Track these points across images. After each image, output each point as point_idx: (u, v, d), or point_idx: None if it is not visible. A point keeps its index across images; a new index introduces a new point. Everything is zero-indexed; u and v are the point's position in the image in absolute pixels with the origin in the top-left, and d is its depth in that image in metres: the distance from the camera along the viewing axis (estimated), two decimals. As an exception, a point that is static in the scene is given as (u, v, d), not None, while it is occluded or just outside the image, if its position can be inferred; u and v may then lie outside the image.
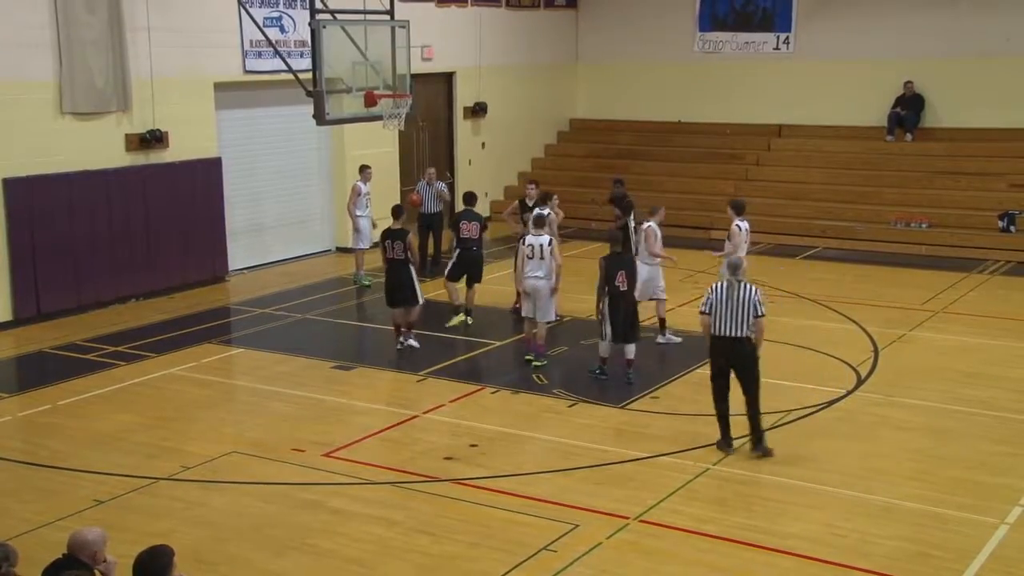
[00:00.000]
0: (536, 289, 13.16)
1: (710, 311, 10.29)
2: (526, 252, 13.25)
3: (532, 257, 13.17)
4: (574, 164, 24.83)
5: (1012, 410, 11.70)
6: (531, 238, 13.28)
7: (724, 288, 10.24)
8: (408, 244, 13.87)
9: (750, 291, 10.19)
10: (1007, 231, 19.83)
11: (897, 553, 8.51)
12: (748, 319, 10.13)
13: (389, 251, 13.88)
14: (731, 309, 10.16)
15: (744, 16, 24.17)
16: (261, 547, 8.72)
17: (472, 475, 10.11)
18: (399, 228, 14.00)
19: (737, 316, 10.16)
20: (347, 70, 14.69)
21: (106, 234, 16.22)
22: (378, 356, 14.18)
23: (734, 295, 10.17)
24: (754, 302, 10.14)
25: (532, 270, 13.17)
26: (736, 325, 10.17)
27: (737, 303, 10.15)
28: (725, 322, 10.20)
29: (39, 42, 15.28)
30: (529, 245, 13.23)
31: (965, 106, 21.95)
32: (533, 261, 13.16)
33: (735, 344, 10.23)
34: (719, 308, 10.22)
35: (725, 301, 10.20)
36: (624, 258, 12.94)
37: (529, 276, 13.19)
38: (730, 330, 10.19)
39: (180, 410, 12.04)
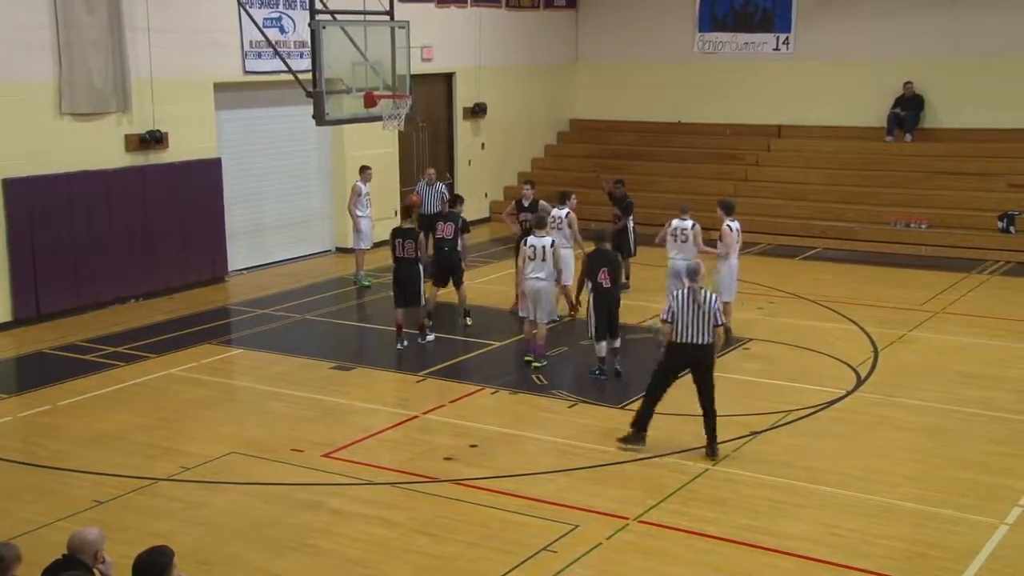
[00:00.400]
0: (536, 290, 13.17)
1: (672, 319, 10.34)
2: (527, 253, 13.26)
3: (533, 258, 13.17)
4: (574, 164, 24.82)
5: (1011, 410, 11.71)
6: (533, 239, 13.28)
7: (686, 295, 10.33)
8: (419, 243, 13.95)
9: (710, 299, 10.32)
10: (1007, 231, 19.83)
11: (897, 553, 8.51)
12: (710, 326, 10.23)
13: (399, 250, 13.94)
14: (694, 316, 10.23)
15: (744, 17, 24.17)
16: (261, 547, 8.72)
17: (472, 475, 10.11)
18: (410, 227, 14.07)
19: (700, 323, 10.23)
20: (347, 71, 14.69)
21: (106, 234, 16.21)
22: (378, 356, 14.19)
23: (696, 302, 10.26)
24: (714, 311, 10.26)
25: (533, 271, 13.19)
26: (699, 332, 10.24)
27: (699, 310, 10.23)
28: (689, 329, 10.25)
29: (39, 43, 15.28)
30: (531, 246, 13.22)
31: (965, 107, 21.95)
32: (535, 262, 13.16)
33: (699, 351, 10.29)
34: (682, 315, 10.27)
35: (688, 308, 10.27)
36: (607, 255, 12.99)
37: (530, 277, 13.21)
38: (694, 337, 10.26)
39: (180, 410, 12.04)
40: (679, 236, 14.27)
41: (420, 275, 14.03)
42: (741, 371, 13.18)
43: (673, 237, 14.30)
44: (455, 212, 15.17)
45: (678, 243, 14.27)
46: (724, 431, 11.05)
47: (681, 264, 13.61)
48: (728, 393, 12.55)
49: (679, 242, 14.25)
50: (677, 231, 14.29)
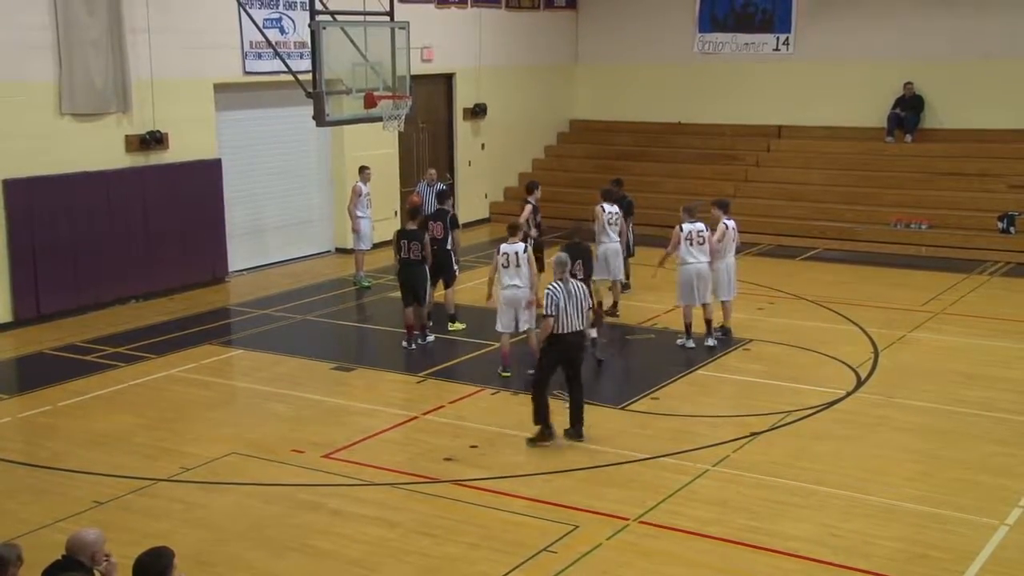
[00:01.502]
0: (516, 299, 12.74)
1: (555, 313, 10.55)
2: (500, 261, 12.69)
3: (507, 266, 12.67)
4: (574, 165, 24.84)
5: (1012, 411, 11.70)
6: (506, 247, 12.72)
7: (562, 287, 10.64)
8: (424, 245, 13.98)
9: (579, 285, 10.85)
10: (1007, 232, 19.83)
11: (897, 554, 8.51)
12: (584, 311, 10.71)
13: (404, 251, 13.96)
14: (574, 306, 10.61)
15: (744, 17, 24.17)
16: (261, 548, 8.72)
17: (472, 476, 10.11)
18: (414, 229, 14.08)
19: (579, 311, 10.65)
20: (347, 71, 14.68)
21: (106, 235, 16.22)
22: (378, 357, 14.19)
23: (572, 293, 10.64)
24: (586, 293, 10.84)
25: (509, 279, 12.71)
26: (579, 319, 10.67)
27: (575, 299, 10.62)
28: (571, 319, 10.60)
29: (39, 43, 15.29)
30: (504, 254, 12.65)
31: (965, 107, 21.95)
32: (508, 270, 12.68)
33: (578, 336, 10.76)
34: (564, 307, 10.56)
35: (568, 299, 10.58)
36: (581, 248, 13.10)
37: (508, 286, 12.71)
38: (575, 325, 10.65)
39: (180, 411, 12.04)
40: (695, 239, 13.84)
41: (427, 276, 14.09)
42: (741, 371, 13.19)
43: (689, 241, 13.82)
44: (443, 209, 15.19)
45: (695, 246, 13.82)
46: (724, 431, 11.09)
47: (702, 268, 13.79)
48: (728, 394, 12.62)
49: (696, 245, 13.83)
50: (693, 234, 13.84)
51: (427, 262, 14.08)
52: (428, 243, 14.13)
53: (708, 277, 13.96)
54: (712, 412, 11.85)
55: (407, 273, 14.04)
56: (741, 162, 23.52)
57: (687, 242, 13.86)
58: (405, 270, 14.07)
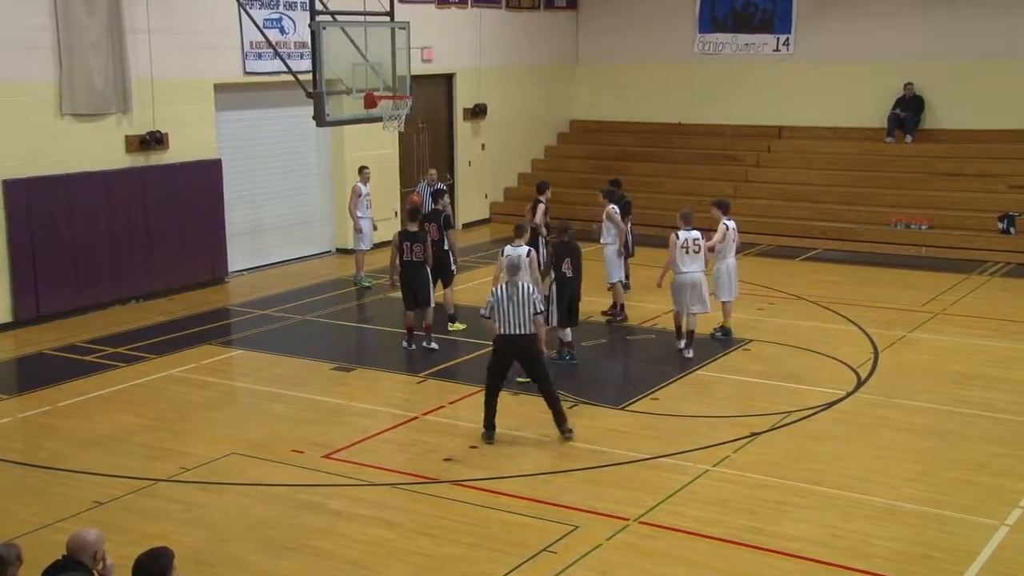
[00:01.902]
0: None
1: (491, 314, 10.70)
2: (505, 263, 12.19)
3: None
4: (574, 165, 24.84)
5: (1012, 412, 11.70)
6: (509, 249, 12.65)
7: (505, 289, 10.71)
8: (426, 246, 13.99)
9: (528, 289, 10.74)
10: (1007, 232, 19.83)
11: (897, 555, 8.51)
12: (529, 316, 10.63)
13: (407, 253, 13.95)
14: (514, 309, 10.61)
15: (744, 17, 24.17)
16: (261, 548, 8.72)
17: (472, 476, 10.10)
18: (416, 231, 14.10)
19: (520, 315, 10.62)
20: (347, 71, 14.68)
21: (106, 235, 16.22)
22: (378, 357, 14.19)
23: (515, 296, 10.64)
24: (532, 300, 10.69)
25: None
26: (520, 323, 10.63)
27: (518, 303, 10.62)
28: (510, 321, 10.63)
29: (39, 44, 15.29)
30: (508, 256, 12.44)
31: (965, 108, 21.96)
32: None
33: (522, 341, 10.69)
34: (501, 309, 10.63)
35: (507, 302, 10.63)
36: (571, 246, 13.27)
37: None
38: (515, 328, 10.64)
39: (180, 411, 12.03)
40: (691, 247, 13.49)
41: (429, 277, 14.08)
42: (741, 372, 13.19)
43: (685, 250, 13.45)
44: (437, 210, 15.18)
45: (690, 254, 13.50)
46: (724, 432, 11.09)
47: (697, 277, 13.57)
48: (728, 394, 12.61)
49: (691, 253, 13.50)
50: (689, 242, 13.49)
51: (429, 264, 14.06)
52: (430, 244, 14.13)
53: (702, 285, 13.65)
54: (712, 412, 11.85)
55: (409, 275, 14.02)
56: (741, 162, 23.52)
57: (683, 250, 13.48)
58: (407, 272, 14.04)
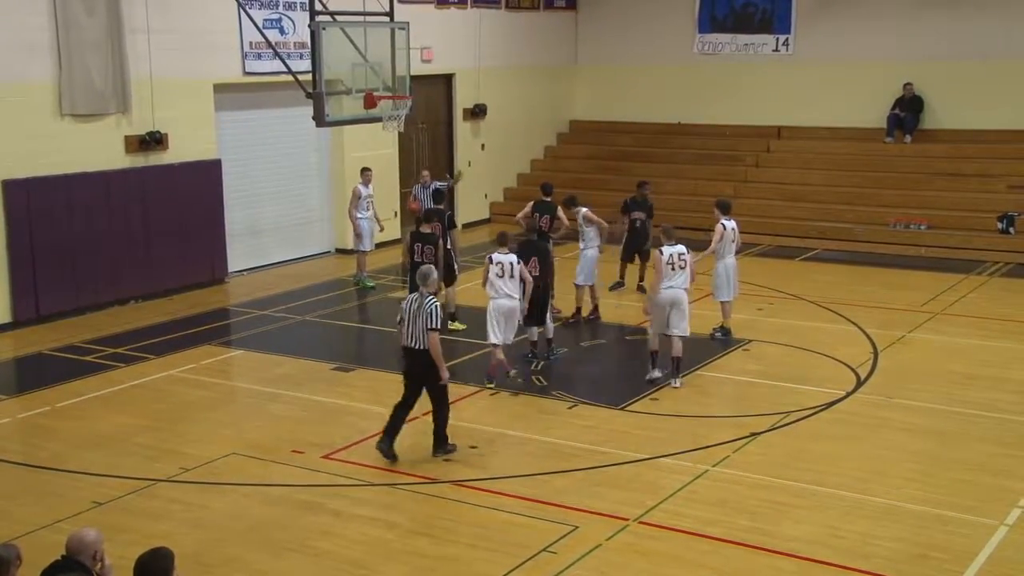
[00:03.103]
0: (512, 309, 12.57)
1: (400, 321, 10.36)
2: (495, 271, 12.51)
3: (501, 276, 12.51)
4: (573, 166, 24.83)
5: (1012, 412, 11.70)
6: (499, 256, 12.58)
7: (415, 299, 10.32)
8: (438, 248, 14.04)
9: (429, 304, 10.16)
10: (1006, 233, 19.83)
11: (897, 555, 8.51)
12: (422, 330, 10.12)
13: (418, 254, 13.99)
14: (414, 319, 10.19)
15: (743, 18, 24.18)
16: (260, 549, 8.72)
17: (471, 477, 10.10)
18: (430, 232, 14.13)
19: (416, 327, 10.16)
20: (347, 72, 14.68)
21: (105, 236, 16.21)
22: (378, 358, 14.17)
23: (419, 306, 10.20)
24: (429, 313, 10.11)
25: (506, 288, 12.51)
26: (413, 336, 10.19)
27: (417, 315, 10.17)
28: (408, 332, 10.24)
29: (38, 44, 15.29)
30: (498, 263, 12.50)
31: (964, 108, 21.96)
32: (503, 279, 12.51)
33: (416, 355, 10.24)
34: (407, 318, 10.26)
35: (412, 312, 10.23)
36: (538, 245, 13.33)
37: (502, 295, 12.52)
38: (410, 341, 10.22)
39: (179, 412, 12.03)
40: (677, 262, 12.63)
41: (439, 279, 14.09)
42: (741, 372, 13.19)
43: (671, 265, 12.58)
44: (440, 209, 15.21)
45: (675, 269, 12.63)
46: (723, 432, 11.09)
47: (681, 294, 12.61)
48: (728, 394, 12.62)
49: (677, 268, 12.64)
50: (675, 257, 12.62)
51: (439, 266, 14.03)
52: (442, 246, 14.18)
53: (684, 305, 12.67)
54: (712, 413, 11.85)
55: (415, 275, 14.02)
56: (741, 163, 23.52)
57: (668, 266, 12.62)
58: (413, 272, 14.03)
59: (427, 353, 10.19)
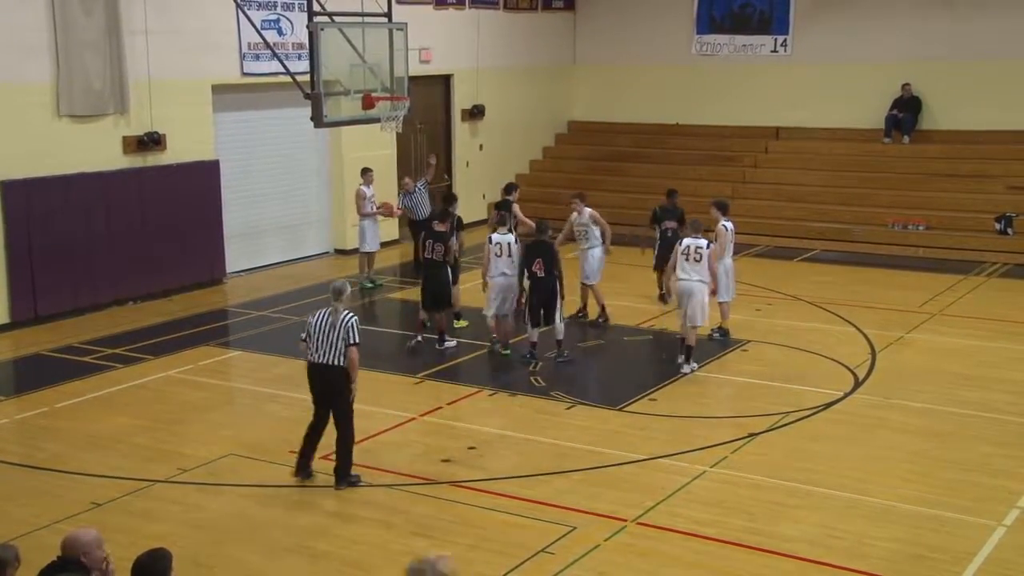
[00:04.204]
0: (508, 286, 13.63)
1: (307, 337, 9.83)
2: (494, 251, 13.70)
3: (500, 255, 13.66)
4: (572, 166, 24.84)
5: (1010, 412, 11.71)
6: (497, 236, 13.77)
7: (326, 314, 9.78)
8: (449, 247, 14.15)
9: (345, 317, 9.70)
10: (1004, 233, 19.85)
11: (894, 555, 8.52)
12: (339, 346, 9.65)
13: (429, 251, 14.14)
14: (326, 335, 9.68)
15: (741, 18, 24.19)
16: (259, 550, 8.72)
17: (470, 477, 10.11)
18: (442, 231, 14.24)
19: (329, 341, 9.67)
20: (345, 72, 14.68)
21: (104, 236, 16.21)
22: (376, 358, 14.16)
23: (332, 321, 9.71)
24: (347, 328, 9.65)
25: (502, 267, 13.66)
26: (327, 352, 9.68)
27: (332, 329, 9.68)
28: (319, 348, 9.71)
29: (36, 44, 15.28)
30: (496, 243, 13.70)
31: (962, 108, 21.98)
32: (501, 259, 13.65)
33: (326, 372, 9.74)
34: (316, 334, 9.73)
35: (323, 327, 9.72)
36: (543, 246, 13.38)
37: (499, 274, 13.68)
38: (322, 356, 9.71)
39: (178, 412, 12.03)
40: (692, 255, 13.11)
41: (449, 278, 14.25)
42: (739, 372, 13.20)
43: (685, 256, 13.12)
44: (451, 211, 15.25)
45: (691, 262, 13.10)
46: (721, 432, 11.10)
47: (696, 286, 13.06)
48: (726, 395, 12.63)
49: (692, 261, 13.10)
50: (691, 249, 13.15)
51: (450, 264, 14.23)
52: (453, 245, 14.31)
53: (698, 297, 13.04)
54: (710, 413, 11.86)
55: (429, 274, 14.21)
56: (739, 163, 23.53)
57: (683, 256, 13.17)
58: (427, 270, 14.26)
59: (340, 370, 9.66)
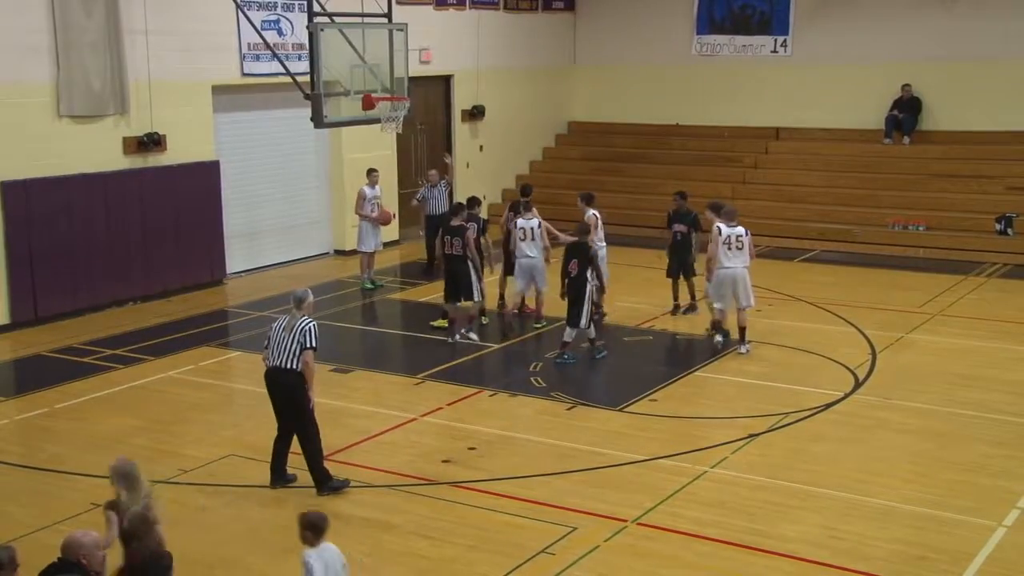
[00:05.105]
0: (532, 265, 14.74)
1: (267, 344, 9.81)
2: (518, 235, 14.78)
3: (524, 239, 14.68)
4: (572, 167, 24.83)
5: (1010, 412, 11.71)
6: (522, 221, 14.80)
7: (285, 321, 9.76)
8: (466, 240, 14.32)
9: (302, 322, 9.65)
10: (1004, 234, 19.84)
11: (895, 556, 8.52)
12: (294, 350, 9.55)
13: (448, 247, 14.40)
14: (282, 339, 9.62)
15: (742, 19, 24.18)
16: (259, 551, 8.72)
17: (470, 478, 10.11)
18: (458, 225, 14.40)
19: (284, 345, 9.60)
20: (345, 73, 14.69)
21: (104, 237, 16.21)
22: (376, 359, 14.18)
23: (289, 325, 9.67)
24: (304, 331, 9.56)
25: (527, 249, 14.70)
26: (281, 354, 9.60)
27: (288, 333, 9.62)
28: (274, 352, 9.66)
29: (36, 45, 15.28)
30: (521, 228, 14.76)
31: (962, 109, 21.98)
32: (526, 242, 14.67)
33: (280, 376, 9.65)
34: (274, 338, 9.70)
35: (280, 332, 9.68)
36: (580, 247, 13.63)
37: (524, 256, 14.73)
38: (276, 360, 9.63)
39: (178, 413, 12.03)
40: (734, 243, 13.79)
41: (469, 271, 14.41)
42: (739, 373, 13.19)
43: (727, 245, 13.77)
44: (474, 214, 15.38)
45: (732, 251, 13.78)
46: (722, 433, 11.10)
47: (740, 272, 13.79)
48: (726, 395, 12.62)
49: (734, 250, 13.79)
50: (731, 238, 13.78)
51: (470, 258, 14.42)
52: (471, 239, 14.46)
53: (746, 281, 13.88)
54: (710, 414, 11.85)
55: (449, 268, 14.43)
56: (739, 164, 23.52)
57: (725, 246, 13.81)
58: (447, 265, 14.49)
59: (294, 375, 9.55)
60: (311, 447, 9.74)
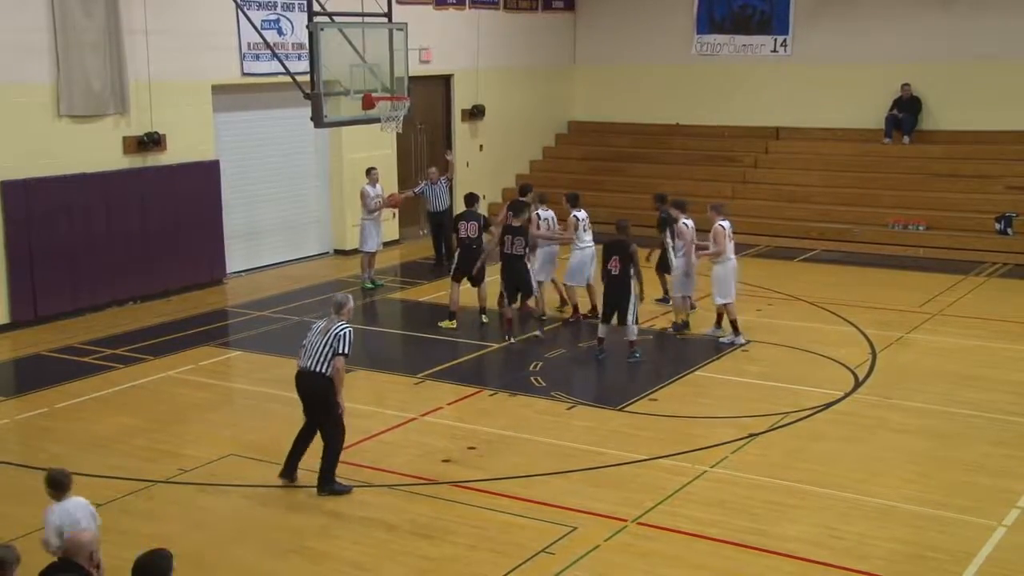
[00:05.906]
0: (550, 254, 15.20)
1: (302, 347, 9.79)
2: (542, 225, 15.16)
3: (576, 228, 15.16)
4: (572, 167, 24.84)
5: (1010, 412, 11.71)
6: (543, 212, 15.29)
7: (322, 324, 9.77)
8: (527, 239, 14.55)
9: (338, 327, 9.60)
10: (1004, 233, 19.85)
11: (895, 555, 8.52)
12: (326, 354, 9.52)
13: (508, 246, 14.52)
14: (316, 342, 9.63)
15: (742, 19, 24.18)
16: (259, 550, 8.72)
17: (470, 478, 10.11)
18: (519, 225, 14.51)
19: (316, 348, 9.59)
20: (345, 73, 14.69)
21: (104, 237, 16.21)
22: (376, 359, 14.18)
23: (325, 329, 9.65)
24: (338, 336, 9.53)
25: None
26: (313, 357, 9.59)
27: (322, 337, 9.61)
28: (307, 354, 9.66)
29: (36, 45, 15.28)
30: (544, 219, 15.23)
31: (962, 108, 21.97)
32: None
33: (309, 378, 9.64)
34: (309, 341, 9.71)
35: (316, 335, 9.69)
36: (621, 244, 13.46)
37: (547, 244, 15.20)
38: (307, 363, 9.63)
39: (178, 413, 12.03)
40: (731, 236, 14.42)
41: (526, 269, 14.54)
42: (739, 373, 13.20)
43: (729, 239, 14.33)
44: (475, 211, 15.37)
45: (732, 243, 14.38)
46: (722, 433, 11.10)
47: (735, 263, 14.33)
48: (726, 395, 12.61)
49: (731, 241, 14.39)
50: (729, 232, 14.32)
51: (527, 257, 14.54)
52: (532, 239, 14.69)
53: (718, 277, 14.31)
54: (710, 413, 11.85)
55: (509, 267, 14.47)
56: (739, 163, 23.52)
57: (729, 240, 14.27)
58: (507, 264, 14.51)
59: (323, 379, 9.54)
60: (330, 449, 9.77)
